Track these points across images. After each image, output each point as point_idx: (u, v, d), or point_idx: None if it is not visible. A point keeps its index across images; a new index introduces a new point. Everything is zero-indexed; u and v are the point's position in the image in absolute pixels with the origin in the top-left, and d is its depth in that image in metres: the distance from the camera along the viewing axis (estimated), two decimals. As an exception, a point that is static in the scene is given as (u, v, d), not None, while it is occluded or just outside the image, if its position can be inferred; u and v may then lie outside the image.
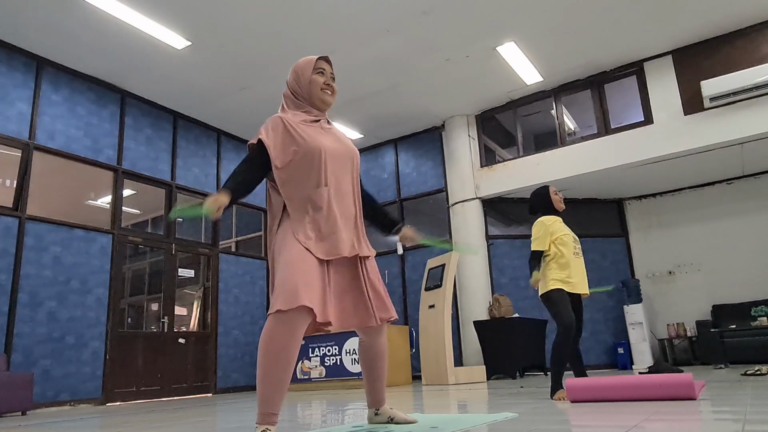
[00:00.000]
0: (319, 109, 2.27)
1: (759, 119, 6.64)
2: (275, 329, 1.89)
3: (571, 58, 7.46)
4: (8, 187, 6.49)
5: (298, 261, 1.99)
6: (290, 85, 2.29)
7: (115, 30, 6.16)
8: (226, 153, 8.88)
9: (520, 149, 8.55)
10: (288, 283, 1.93)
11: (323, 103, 2.26)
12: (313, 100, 2.25)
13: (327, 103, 2.27)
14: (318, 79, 2.24)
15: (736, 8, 6.58)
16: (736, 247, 8.21)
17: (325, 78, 2.26)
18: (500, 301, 7.71)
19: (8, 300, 5.85)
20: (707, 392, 3.23)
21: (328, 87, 2.26)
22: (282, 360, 1.89)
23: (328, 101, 2.27)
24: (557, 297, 3.63)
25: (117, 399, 6.64)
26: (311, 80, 2.23)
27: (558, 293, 3.64)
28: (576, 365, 3.74)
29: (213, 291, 8.20)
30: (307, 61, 2.27)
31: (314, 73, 2.24)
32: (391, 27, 6.44)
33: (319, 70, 2.25)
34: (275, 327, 1.89)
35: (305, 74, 2.24)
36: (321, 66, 2.26)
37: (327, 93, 2.26)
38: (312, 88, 2.23)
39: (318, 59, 2.27)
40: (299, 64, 2.29)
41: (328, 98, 2.26)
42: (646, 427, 1.90)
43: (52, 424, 3.99)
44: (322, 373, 7.48)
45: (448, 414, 2.91)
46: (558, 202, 3.99)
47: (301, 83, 2.25)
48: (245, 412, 4.03)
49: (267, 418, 1.89)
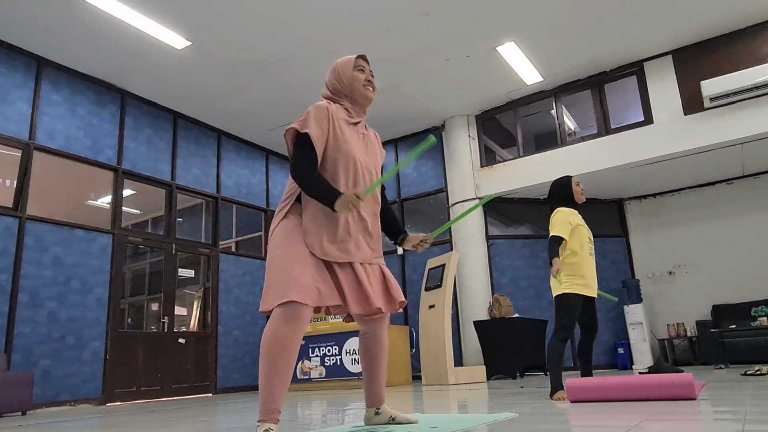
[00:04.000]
0: (361, 105, 2.29)
1: (759, 119, 6.64)
2: (278, 325, 1.92)
3: (571, 58, 7.46)
4: (8, 187, 6.49)
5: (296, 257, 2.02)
6: (330, 84, 2.30)
7: (115, 30, 6.16)
8: (226, 153, 8.88)
9: (520, 149, 8.55)
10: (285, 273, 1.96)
11: (365, 98, 2.28)
12: (356, 96, 2.26)
13: (369, 99, 2.29)
14: (359, 75, 2.26)
15: (736, 8, 6.58)
16: (736, 247, 8.21)
17: (366, 75, 2.28)
18: (500, 301, 7.71)
19: (8, 300, 5.84)
20: (707, 392, 3.23)
21: (369, 83, 2.28)
22: (284, 354, 1.92)
23: (370, 97, 2.29)
24: (570, 302, 3.55)
25: (117, 399, 6.64)
26: (353, 77, 2.25)
27: (574, 298, 3.55)
28: (584, 365, 3.73)
29: (213, 291, 8.20)
30: (346, 59, 2.29)
31: (355, 70, 2.26)
32: (391, 27, 6.44)
33: (359, 67, 2.28)
34: (278, 323, 1.92)
35: (346, 72, 2.26)
36: (360, 64, 2.29)
37: (369, 89, 2.28)
38: (354, 84, 2.25)
39: (357, 57, 2.29)
40: (339, 62, 2.30)
41: (370, 94, 2.28)
42: (646, 427, 1.90)
43: (52, 424, 3.99)
44: (322, 373, 7.48)
45: (448, 414, 2.91)
46: (579, 194, 3.82)
47: (343, 81, 2.26)
48: (245, 412, 4.03)
49: (269, 413, 1.91)
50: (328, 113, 2.14)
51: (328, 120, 2.13)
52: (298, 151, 2.10)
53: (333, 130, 2.14)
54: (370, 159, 2.27)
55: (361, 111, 2.30)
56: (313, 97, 8.17)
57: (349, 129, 2.21)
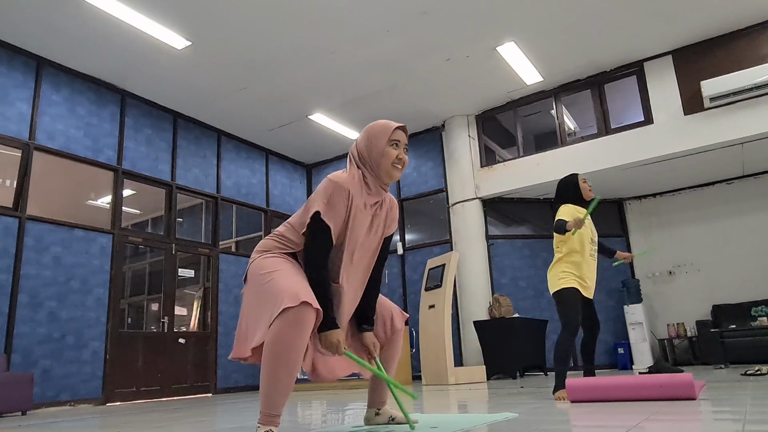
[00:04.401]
0: (384, 182, 2.14)
1: (759, 119, 6.64)
2: (283, 329, 1.83)
3: (571, 58, 7.46)
4: (8, 187, 6.49)
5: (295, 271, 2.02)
6: (360, 149, 2.15)
7: (115, 30, 6.16)
8: (226, 153, 8.88)
9: (520, 149, 8.55)
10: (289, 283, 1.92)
11: (390, 177, 2.12)
12: (381, 173, 2.11)
13: (394, 179, 2.14)
14: (391, 152, 2.09)
15: (736, 8, 6.58)
16: (736, 247, 8.21)
17: (399, 152, 2.11)
18: (500, 301, 7.71)
19: (8, 300, 5.84)
20: (707, 392, 3.23)
21: (399, 162, 2.11)
22: (288, 361, 1.84)
23: (395, 177, 2.13)
24: (569, 296, 3.50)
25: (117, 399, 6.64)
26: (384, 152, 2.09)
27: (571, 293, 3.51)
28: (587, 364, 3.71)
29: (213, 291, 8.20)
30: (383, 128, 2.12)
31: (389, 144, 2.10)
32: (391, 27, 6.44)
33: (394, 142, 2.11)
34: (283, 327, 1.83)
35: (379, 144, 2.10)
36: (397, 138, 2.11)
37: (397, 168, 2.11)
38: (383, 161, 2.09)
39: (395, 129, 2.12)
40: (375, 129, 2.14)
41: (396, 174, 2.12)
42: (646, 427, 1.90)
43: (52, 424, 3.99)
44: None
45: (448, 414, 2.91)
46: (587, 191, 3.76)
47: (372, 152, 2.10)
48: (245, 412, 4.03)
49: (270, 417, 1.86)
50: (348, 198, 2.04)
51: (347, 207, 2.05)
52: (316, 241, 2.03)
53: (348, 219, 2.07)
54: (372, 242, 2.18)
55: (382, 187, 2.16)
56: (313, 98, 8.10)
57: (362, 214, 2.11)
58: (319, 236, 2.02)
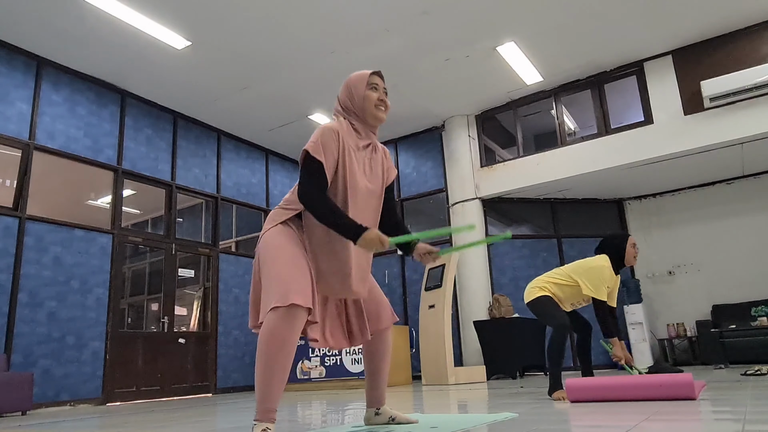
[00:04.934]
0: (372, 125, 2.23)
1: (759, 119, 6.64)
2: (276, 324, 1.91)
3: (571, 58, 7.46)
4: (8, 187, 6.49)
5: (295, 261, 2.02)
6: (342, 100, 2.24)
7: (115, 30, 6.16)
8: (226, 153, 8.88)
9: (520, 149, 8.55)
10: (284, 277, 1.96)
11: (376, 119, 2.22)
12: (366, 117, 2.20)
13: (380, 120, 2.23)
14: (372, 95, 2.20)
15: (736, 8, 6.58)
16: (736, 247, 8.21)
17: (379, 93, 2.22)
18: (500, 301, 7.71)
19: (8, 300, 5.84)
20: (707, 392, 3.23)
21: (381, 103, 2.22)
22: (282, 355, 1.91)
23: (381, 118, 2.22)
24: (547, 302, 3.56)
25: (117, 399, 6.64)
26: (365, 96, 2.19)
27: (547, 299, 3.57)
28: (584, 364, 3.73)
29: (213, 291, 8.20)
30: (360, 76, 2.23)
31: (368, 88, 2.20)
32: (391, 27, 6.44)
33: (373, 85, 2.21)
34: (276, 322, 1.91)
35: (359, 90, 2.20)
36: (374, 81, 2.22)
37: (381, 109, 2.22)
38: (366, 104, 2.19)
39: (371, 74, 2.23)
40: (352, 79, 2.24)
41: (381, 114, 2.22)
42: (646, 427, 1.90)
43: (52, 424, 3.99)
44: (322, 373, 7.48)
45: (448, 414, 2.91)
46: (631, 257, 3.65)
47: (354, 99, 2.20)
48: (245, 412, 4.03)
49: (266, 414, 1.90)
50: (338, 139, 2.10)
51: (338, 147, 2.09)
52: (309, 178, 2.04)
53: (341, 159, 2.09)
54: (374, 184, 2.21)
55: (371, 131, 2.25)
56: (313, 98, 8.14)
57: (356, 155, 2.16)
58: (311, 173, 2.04)
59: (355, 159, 2.14)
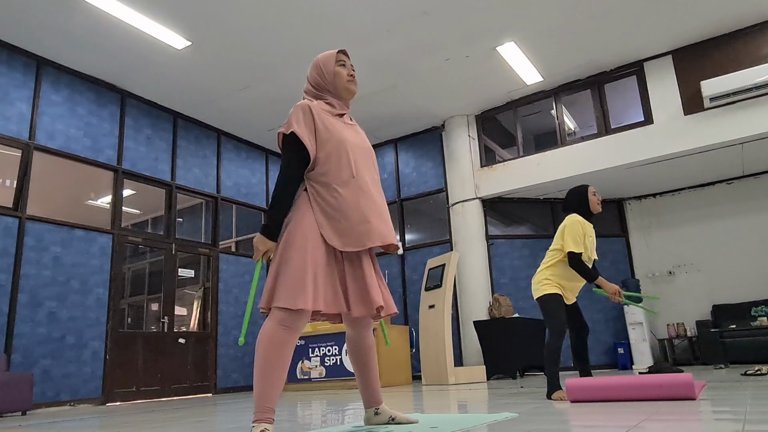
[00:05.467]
0: (344, 99, 2.32)
1: (759, 119, 6.64)
2: (277, 326, 1.94)
3: (571, 58, 7.46)
4: (8, 187, 6.49)
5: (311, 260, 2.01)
6: (312, 78, 2.33)
7: (115, 30, 6.16)
8: (226, 153, 8.88)
9: (520, 149, 8.55)
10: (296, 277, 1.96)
11: (348, 92, 2.31)
12: (339, 91, 2.29)
13: (352, 93, 2.33)
14: (341, 70, 2.29)
15: (736, 8, 6.58)
16: (736, 247, 8.21)
17: (348, 69, 2.32)
18: (500, 301, 7.71)
19: (8, 300, 5.84)
20: (707, 392, 3.23)
21: (352, 77, 2.32)
22: (280, 356, 1.93)
23: (353, 90, 2.32)
24: (554, 302, 3.59)
25: (117, 399, 6.64)
26: (335, 72, 2.28)
27: (554, 298, 3.60)
28: (582, 365, 3.73)
29: (213, 291, 8.20)
30: (328, 55, 2.33)
31: (337, 65, 2.30)
32: (391, 27, 6.44)
33: (341, 62, 2.32)
34: (278, 323, 1.94)
35: (328, 67, 2.29)
36: (341, 59, 2.33)
37: (352, 82, 2.32)
38: (337, 80, 2.28)
39: (338, 52, 2.33)
40: (320, 58, 2.34)
41: (353, 87, 2.32)
42: (646, 427, 1.90)
43: (52, 424, 3.99)
44: (322, 373, 7.48)
45: (448, 414, 2.90)
46: (595, 204, 3.76)
47: (325, 76, 2.29)
48: (245, 412, 4.03)
49: (264, 413, 1.91)
50: (310, 110, 2.17)
51: (311, 116, 2.16)
52: (287, 154, 2.12)
53: (319, 125, 2.16)
54: (361, 142, 2.28)
55: (344, 105, 2.33)
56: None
57: (336, 120, 2.24)
58: (290, 148, 2.12)
59: (333, 121, 2.21)
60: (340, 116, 2.28)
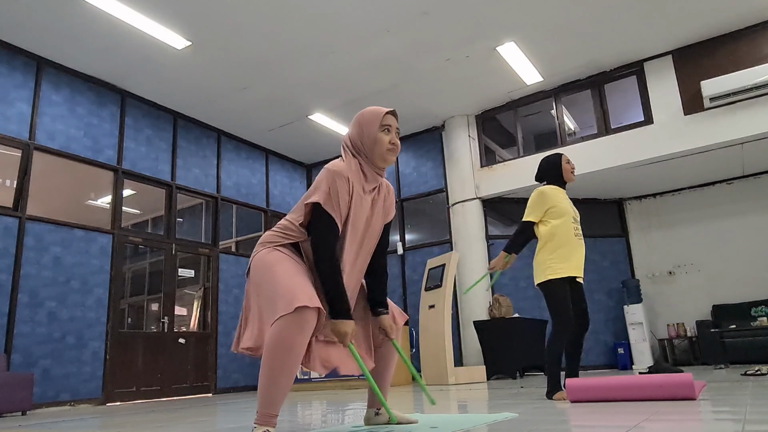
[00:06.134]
0: (379, 167, 2.17)
1: (759, 119, 6.64)
2: (284, 330, 1.85)
3: (571, 58, 7.46)
4: (8, 187, 6.49)
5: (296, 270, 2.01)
6: (352, 137, 2.17)
7: (115, 30, 6.16)
8: (226, 153, 8.88)
9: (520, 149, 8.55)
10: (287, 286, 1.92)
11: (385, 162, 2.15)
12: (375, 159, 2.14)
13: (389, 163, 2.17)
14: (384, 138, 2.13)
15: (736, 8, 6.58)
16: (736, 247, 8.21)
17: (391, 136, 2.15)
18: (500, 301, 7.71)
19: (8, 300, 5.84)
20: (707, 392, 3.23)
21: (393, 147, 2.15)
22: (289, 362, 1.86)
23: (390, 161, 2.16)
24: (557, 288, 3.43)
25: (117, 399, 6.64)
26: (377, 139, 2.12)
27: (559, 284, 3.44)
28: (571, 362, 3.57)
29: (213, 291, 8.21)
30: (373, 114, 2.15)
31: (380, 130, 2.13)
32: (391, 27, 6.44)
33: (386, 127, 2.14)
34: (284, 327, 1.85)
35: (370, 131, 2.13)
36: (387, 123, 2.15)
37: (391, 152, 2.15)
38: (376, 147, 2.12)
39: (385, 114, 2.16)
40: (365, 116, 2.17)
41: (391, 158, 2.16)
42: (646, 427, 1.90)
43: (52, 424, 3.99)
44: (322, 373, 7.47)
45: (448, 414, 2.90)
46: (568, 172, 3.67)
47: (365, 140, 2.13)
48: (245, 412, 4.03)
49: (267, 419, 1.88)
50: (350, 187, 2.05)
51: (349, 195, 2.05)
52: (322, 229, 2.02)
53: (353, 203, 2.08)
54: (375, 224, 2.21)
55: (378, 173, 2.18)
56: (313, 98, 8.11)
57: (363, 200, 2.13)
58: (324, 227, 2.02)
59: (361, 205, 2.11)
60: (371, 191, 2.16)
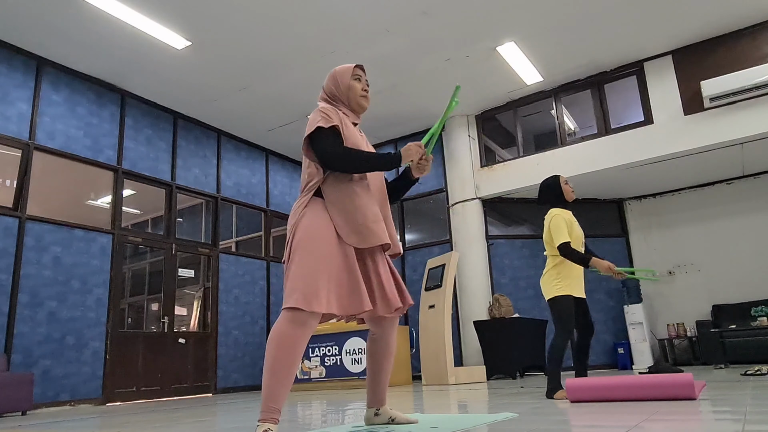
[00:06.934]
0: (356, 112, 2.38)
1: (759, 119, 6.64)
2: (288, 326, 1.95)
3: (571, 58, 7.46)
4: (8, 187, 6.49)
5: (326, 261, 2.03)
6: (327, 89, 2.38)
7: (115, 30, 6.16)
8: (226, 153, 8.88)
9: (520, 149, 8.55)
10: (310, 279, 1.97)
11: (360, 107, 2.37)
12: (351, 104, 2.35)
13: (364, 108, 2.39)
14: (356, 84, 2.35)
15: (736, 8, 6.58)
16: (736, 247, 8.21)
17: (362, 84, 2.37)
18: (500, 301, 7.71)
19: (8, 300, 5.84)
20: (707, 392, 3.23)
21: (365, 93, 2.38)
22: (289, 356, 1.94)
23: (364, 105, 2.39)
24: (565, 303, 3.62)
25: (117, 399, 6.64)
26: (350, 86, 2.34)
27: (566, 300, 3.63)
28: (580, 366, 3.73)
29: (213, 291, 8.20)
30: (345, 67, 2.38)
31: (353, 78, 2.35)
32: (391, 27, 6.44)
33: (357, 76, 2.36)
34: (289, 324, 1.95)
35: (344, 80, 2.34)
36: (358, 73, 2.37)
37: (365, 98, 2.37)
38: (351, 93, 2.34)
39: (355, 67, 2.37)
40: (337, 70, 2.39)
41: (365, 103, 2.38)
42: (646, 427, 1.90)
43: (52, 424, 3.99)
44: (322, 373, 7.48)
45: (448, 414, 2.91)
46: (569, 193, 3.84)
47: (340, 88, 2.34)
48: (245, 412, 4.03)
49: (270, 413, 1.92)
50: (337, 112, 2.26)
51: (339, 117, 2.25)
52: (330, 141, 2.16)
53: (345, 125, 2.25)
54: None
55: (356, 117, 2.39)
56: (313, 98, 8.12)
57: (353, 129, 2.32)
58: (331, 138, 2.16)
59: (354, 134, 2.30)
60: (354, 125, 2.37)
